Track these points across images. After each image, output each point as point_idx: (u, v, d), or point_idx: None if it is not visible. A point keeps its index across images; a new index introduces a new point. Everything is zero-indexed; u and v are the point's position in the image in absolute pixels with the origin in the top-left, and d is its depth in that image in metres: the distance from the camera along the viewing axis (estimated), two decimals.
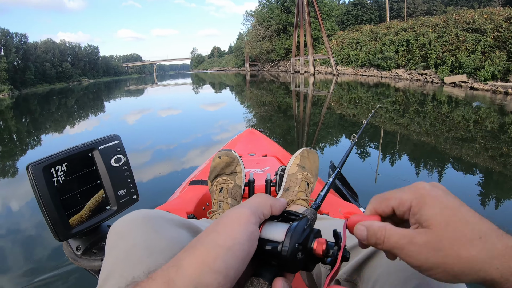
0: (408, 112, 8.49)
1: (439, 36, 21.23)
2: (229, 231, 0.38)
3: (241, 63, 67.22)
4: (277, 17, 47.59)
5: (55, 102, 21.30)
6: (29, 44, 61.97)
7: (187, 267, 0.35)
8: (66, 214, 0.79)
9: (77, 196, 0.81)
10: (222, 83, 30.25)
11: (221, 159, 1.34)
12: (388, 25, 31.24)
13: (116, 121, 10.35)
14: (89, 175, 0.83)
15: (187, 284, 0.34)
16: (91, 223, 0.84)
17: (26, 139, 8.46)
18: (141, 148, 6.13)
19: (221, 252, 0.36)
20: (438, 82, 18.45)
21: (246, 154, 2.47)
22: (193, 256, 0.36)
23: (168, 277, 0.35)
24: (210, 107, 12.11)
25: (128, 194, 0.89)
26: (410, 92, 14.13)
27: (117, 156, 0.87)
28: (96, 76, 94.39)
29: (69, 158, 0.79)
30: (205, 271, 0.35)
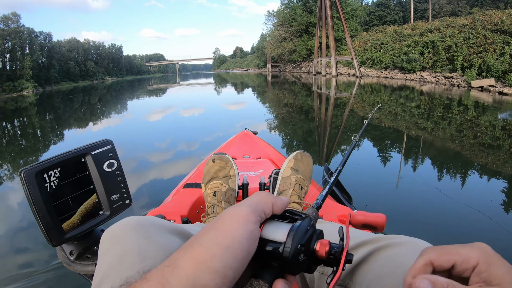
0: (432, 116, 8.31)
1: (465, 37, 20.59)
2: (228, 230, 0.37)
3: (263, 64, 67.18)
4: (300, 17, 47.27)
5: (78, 100, 21.75)
6: (54, 42, 63.64)
7: (183, 266, 0.34)
8: (59, 219, 0.80)
9: (70, 201, 0.82)
10: (244, 83, 30.29)
11: (214, 163, 1.35)
12: (413, 26, 30.62)
13: (131, 121, 10.49)
14: (82, 180, 0.84)
15: (183, 284, 0.33)
16: (84, 228, 0.84)
17: (46, 136, 8.65)
18: (144, 149, 6.23)
19: (219, 251, 0.35)
20: (465, 86, 17.88)
21: (241, 156, 2.49)
22: (190, 255, 0.35)
23: (163, 277, 0.34)
24: (232, 107, 12.17)
25: (121, 199, 0.90)
26: (435, 96, 13.75)
27: (110, 161, 0.87)
28: (119, 75, 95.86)
29: (61, 164, 0.80)
30: (202, 270, 0.34)
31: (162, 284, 0.33)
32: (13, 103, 24.31)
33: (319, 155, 5.06)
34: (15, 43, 47.46)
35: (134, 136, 7.72)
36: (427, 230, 2.64)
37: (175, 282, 0.33)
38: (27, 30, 51.28)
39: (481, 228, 2.62)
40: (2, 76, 43.90)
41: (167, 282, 0.33)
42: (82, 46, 77.09)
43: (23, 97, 33.57)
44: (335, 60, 30.59)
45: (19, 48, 48.41)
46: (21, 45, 48.90)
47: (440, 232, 2.60)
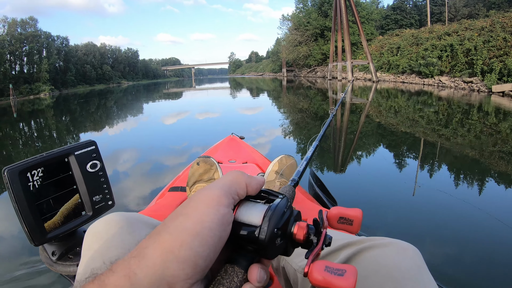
0: (451, 123, 8.17)
1: (485, 40, 20.06)
2: (198, 215, 0.34)
3: (278, 68, 67.30)
4: (314, 21, 47.28)
5: (94, 102, 22.06)
6: (70, 46, 65.01)
7: (150, 256, 0.32)
8: (41, 218, 0.80)
9: (53, 201, 0.82)
10: (260, 88, 30.29)
11: (199, 166, 1.36)
12: (430, 29, 30.16)
13: (141, 124, 10.57)
14: (65, 180, 0.84)
15: (150, 276, 0.31)
16: (67, 228, 0.85)
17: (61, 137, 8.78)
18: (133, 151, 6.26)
19: (188, 238, 0.32)
20: (485, 91, 17.33)
21: (227, 161, 2.49)
22: (157, 244, 0.32)
23: (129, 268, 0.31)
24: (248, 111, 12.18)
25: (104, 199, 0.90)
26: (454, 101, 13.47)
27: (93, 161, 0.88)
28: (135, 79, 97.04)
29: (45, 163, 0.80)
30: (170, 260, 0.31)
31: (129, 276, 0.31)
32: (29, 105, 24.80)
33: (334, 162, 5.02)
34: (32, 47, 48.59)
35: (133, 140, 7.87)
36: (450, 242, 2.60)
37: (142, 274, 0.31)
38: (44, 34, 52.66)
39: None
40: (20, 79, 44.91)
41: (133, 274, 0.31)
42: (99, 50, 78.36)
43: (39, 99, 34.17)
44: (351, 65, 30.33)
45: (36, 52, 49.62)
46: (38, 49, 50.09)
47: (466, 246, 2.56)
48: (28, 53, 48.28)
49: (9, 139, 9.55)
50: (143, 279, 0.30)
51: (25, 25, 49.88)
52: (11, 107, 23.74)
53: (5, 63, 43.89)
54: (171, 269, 0.31)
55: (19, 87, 43.26)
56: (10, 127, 12.57)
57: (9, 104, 27.76)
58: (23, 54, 48.16)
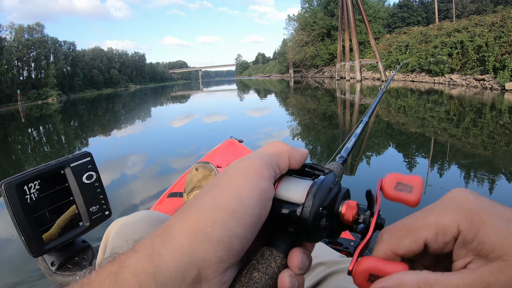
0: (463, 122, 8.06)
1: (496, 36, 19.60)
2: (235, 188, 0.30)
3: (285, 69, 67.34)
4: (321, 20, 47.16)
5: (102, 107, 22.21)
6: (77, 51, 65.86)
7: (177, 235, 0.27)
8: (39, 230, 0.82)
9: (50, 213, 0.84)
10: (267, 90, 30.25)
11: (198, 171, 1.35)
12: (439, 26, 29.73)
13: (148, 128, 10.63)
14: (61, 192, 0.85)
15: (176, 258, 0.26)
16: (64, 239, 0.86)
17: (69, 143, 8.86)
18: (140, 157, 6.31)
19: (222, 215, 0.28)
20: (499, 88, 16.93)
21: (226, 165, 2.46)
22: (186, 221, 0.28)
23: (153, 248, 0.27)
24: (255, 113, 12.20)
25: (101, 210, 0.91)
26: (466, 100, 13.26)
27: (89, 173, 0.89)
28: (143, 82, 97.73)
29: (41, 176, 0.82)
30: (200, 240, 0.27)
31: (152, 257, 0.26)
32: (37, 110, 25.08)
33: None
34: (40, 53, 49.20)
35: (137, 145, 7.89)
36: None
37: (168, 256, 0.26)
38: (51, 39, 53.42)
39: None
40: (27, 85, 45.48)
41: (157, 256, 0.26)
42: (106, 55, 79.11)
43: (47, 104, 34.58)
44: (359, 64, 29.97)
45: (44, 57, 50.27)
46: (45, 54, 50.76)
47: None
48: (36, 58, 48.93)
49: (18, 144, 9.65)
50: (168, 262, 0.26)
51: (32, 31, 50.54)
52: (19, 113, 24.04)
53: (13, 69, 44.50)
54: (201, 251, 0.27)
55: (27, 92, 43.83)
56: (19, 133, 12.72)
57: (17, 110, 28.15)
58: (30, 60, 48.82)
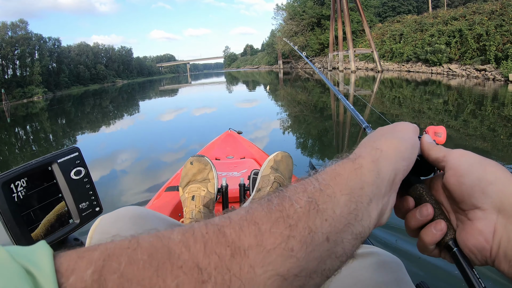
0: (462, 115, 7.99)
1: (497, 24, 19.28)
2: (408, 135, 0.47)
3: (273, 61, 67.36)
4: (310, 9, 46.86)
5: (90, 103, 22.10)
6: (63, 47, 65.40)
7: (388, 152, 0.43)
8: (28, 229, 0.81)
9: (39, 211, 0.83)
10: (256, 81, 30.22)
11: (193, 165, 1.36)
12: (435, 14, 29.51)
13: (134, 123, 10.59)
14: (49, 189, 0.85)
15: (387, 165, 0.41)
16: (55, 237, 0.86)
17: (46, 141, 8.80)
18: (131, 153, 6.34)
19: (408, 145, 0.45)
20: (502, 79, 16.46)
21: (224, 157, 2.53)
22: (391, 145, 0.44)
23: (375, 156, 0.42)
24: (244, 105, 12.23)
25: (91, 206, 0.91)
26: (465, 91, 13.19)
27: (77, 168, 0.88)
28: (130, 77, 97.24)
29: (28, 173, 0.81)
30: (399, 157, 0.43)
31: (375, 163, 0.41)
32: (23, 109, 24.88)
33: (338, 151, 5.00)
34: (24, 50, 48.67)
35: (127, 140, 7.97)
36: None
37: (384, 163, 0.41)
38: (36, 36, 52.85)
39: None
40: (12, 83, 45.02)
41: (377, 162, 0.41)
42: (92, 50, 78.58)
43: (33, 103, 34.32)
44: (353, 54, 29.73)
45: (28, 55, 49.74)
46: (30, 52, 50.24)
47: None
48: (20, 56, 48.43)
49: (5, 145, 9.57)
50: (382, 167, 0.41)
51: (15, 28, 50.05)
52: (5, 112, 23.80)
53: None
54: (399, 164, 0.42)
55: (12, 91, 43.40)
56: (5, 133, 12.61)
57: (2, 109, 27.84)
58: (15, 58, 48.31)
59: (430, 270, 2.13)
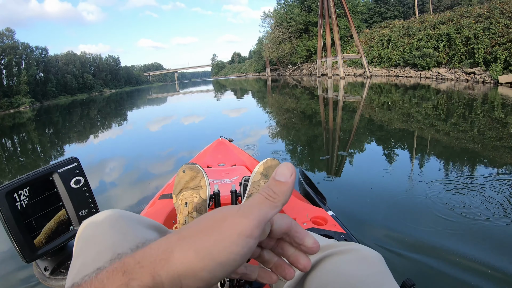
0: (451, 118, 8.03)
1: (485, 28, 19.51)
2: (227, 244, 0.36)
3: (261, 68, 67.49)
4: (298, 16, 47.07)
5: (78, 113, 21.93)
6: (50, 57, 64.85)
7: (174, 264, 0.35)
8: (30, 236, 0.86)
9: (41, 218, 0.88)
10: (244, 89, 30.07)
11: (185, 173, 1.41)
12: (422, 18, 29.92)
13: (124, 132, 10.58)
14: (50, 197, 0.90)
15: (169, 281, 0.34)
16: (56, 244, 0.91)
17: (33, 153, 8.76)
18: (125, 160, 6.36)
19: (212, 265, 0.35)
20: (491, 82, 16.75)
21: (216, 164, 2.58)
22: (183, 257, 0.35)
23: (155, 269, 0.35)
24: (233, 113, 12.27)
25: (90, 213, 0.96)
26: (454, 94, 13.27)
27: (77, 178, 0.94)
28: (118, 86, 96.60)
29: (30, 183, 0.86)
30: (189, 276, 0.35)
31: (153, 276, 0.34)
32: (10, 120, 24.63)
33: (328, 162, 5.05)
34: (11, 59, 48.14)
35: (120, 148, 7.95)
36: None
37: (164, 277, 0.34)
38: (23, 45, 52.33)
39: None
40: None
41: (157, 276, 0.34)
42: (79, 59, 78.12)
43: (20, 113, 33.90)
44: (342, 60, 29.81)
45: (15, 64, 49.18)
46: (16, 61, 49.66)
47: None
48: (7, 65, 47.92)
49: None
50: (164, 281, 0.34)
51: (2, 37, 49.44)
52: None
53: None
54: (187, 282, 0.35)
55: None
56: None
57: None
58: (1, 67, 47.83)
59: (416, 269, 2.18)
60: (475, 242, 2.44)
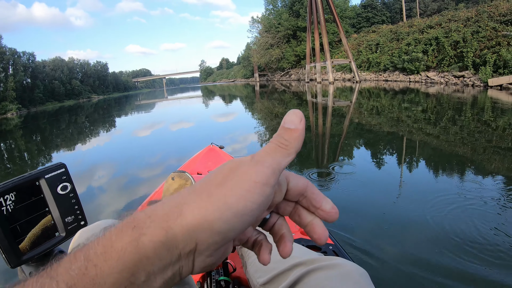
0: (440, 121, 8.16)
1: (474, 31, 19.88)
2: (244, 192, 0.34)
3: (249, 74, 67.61)
4: (286, 22, 47.37)
5: (65, 120, 21.78)
6: (37, 62, 64.50)
7: (187, 216, 0.32)
8: (16, 241, 0.86)
9: (26, 224, 0.88)
10: (232, 95, 30.11)
11: (174, 181, 1.41)
12: (410, 23, 30.26)
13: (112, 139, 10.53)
14: (37, 203, 0.90)
15: (183, 234, 0.32)
16: (41, 250, 0.90)
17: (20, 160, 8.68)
18: (113, 169, 6.36)
19: (228, 214, 0.33)
20: (481, 85, 17.05)
21: (206, 171, 2.57)
22: (197, 208, 0.33)
23: (167, 222, 0.32)
24: (222, 118, 12.30)
25: (76, 220, 0.96)
26: (443, 98, 13.41)
27: (64, 184, 0.94)
28: (106, 92, 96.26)
29: (17, 187, 0.86)
30: (204, 228, 0.32)
31: (166, 230, 0.32)
32: None
33: (318, 172, 5.06)
34: None
35: (108, 155, 7.98)
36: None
37: (177, 230, 0.32)
38: (10, 50, 51.91)
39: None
40: None
41: (170, 229, 0.32)
42: (67, 65, 77.78)
43: (6, 119, 33.61)
44: (331, 65, 29.87)
45: (2, 70, 48.82)
46: (3, 66, 49.27)
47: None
48: None
49: None
50: (177, 235, 0.32)
51: None
52: None
53: None
54: (202, 235, 0.32)
55: None
56: None
57: None
58: None
59: (404, 282, 2.18)
60: (467, 255, 2.44)
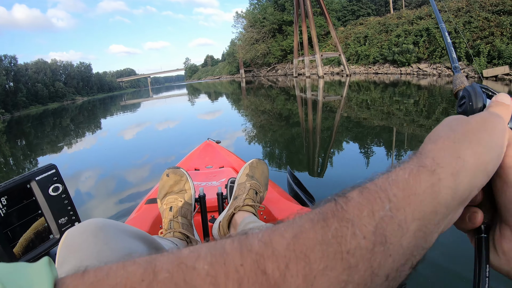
0: (433, 114, 8.21)
1: (466, 22, 19.81)
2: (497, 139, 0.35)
3: (235, 70, 67.38)
4: (271, 16, 46.95)
5: (50, 123, 21.56)
6: (20, 65, 63.86)
7: (470, 163, 0.32)
8: (10, 246, 0.85)
9: (20, 227, 0.88)
10: (218, 92, 29.98)
11: (169, 177, 1.41)
12: (398, 14, 30.04)
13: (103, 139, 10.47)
14: (29, 206, 0.89)
15: (467, 181, 0.32)
16: (36, 253, 0.90)
17: None
18: (107, 168, 6.35)
19: (494, 156, 0.34)
20: (475, 76, 16.98)
21: (204, 167, 2.58)
22: (475, 154, 0.33)
23: (455, 168, 0.32)
24: (206, 116, 12.30)
25: (70, 221, 0.96)
26: (436, 90, 13.35)
27: (55, 185, 0.93)
28: (90, 94, 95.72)
29: (7, 191, 0.85)
30: (481, 172, 0.33)
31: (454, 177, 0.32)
32: None
33: (309, 161, 5.08)
34: None
35: (102, 154, 7.92)
36: None
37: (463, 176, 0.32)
38: None
39: None
40: None
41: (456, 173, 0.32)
42: (50, 67, 77.15)
43: None
44: (320, 58, 29.61)
45: None
46: None
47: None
48: None
49: None
50: (462, 182, 0.32)
51: None
52: None
53: None
54: (478, 179, 0.33)
55: None
56: None
57: None
58: None
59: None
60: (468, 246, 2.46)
